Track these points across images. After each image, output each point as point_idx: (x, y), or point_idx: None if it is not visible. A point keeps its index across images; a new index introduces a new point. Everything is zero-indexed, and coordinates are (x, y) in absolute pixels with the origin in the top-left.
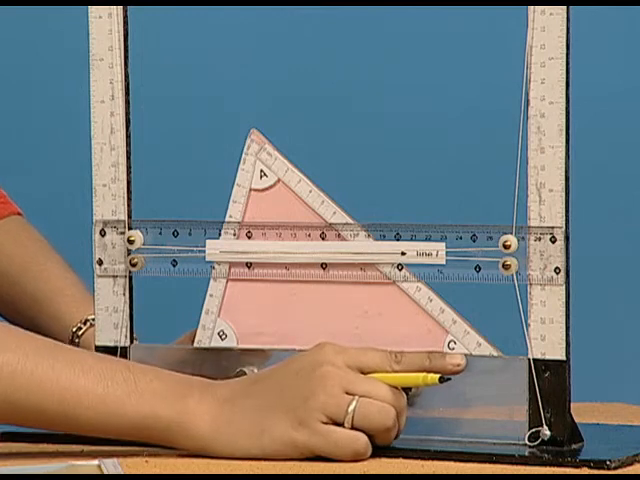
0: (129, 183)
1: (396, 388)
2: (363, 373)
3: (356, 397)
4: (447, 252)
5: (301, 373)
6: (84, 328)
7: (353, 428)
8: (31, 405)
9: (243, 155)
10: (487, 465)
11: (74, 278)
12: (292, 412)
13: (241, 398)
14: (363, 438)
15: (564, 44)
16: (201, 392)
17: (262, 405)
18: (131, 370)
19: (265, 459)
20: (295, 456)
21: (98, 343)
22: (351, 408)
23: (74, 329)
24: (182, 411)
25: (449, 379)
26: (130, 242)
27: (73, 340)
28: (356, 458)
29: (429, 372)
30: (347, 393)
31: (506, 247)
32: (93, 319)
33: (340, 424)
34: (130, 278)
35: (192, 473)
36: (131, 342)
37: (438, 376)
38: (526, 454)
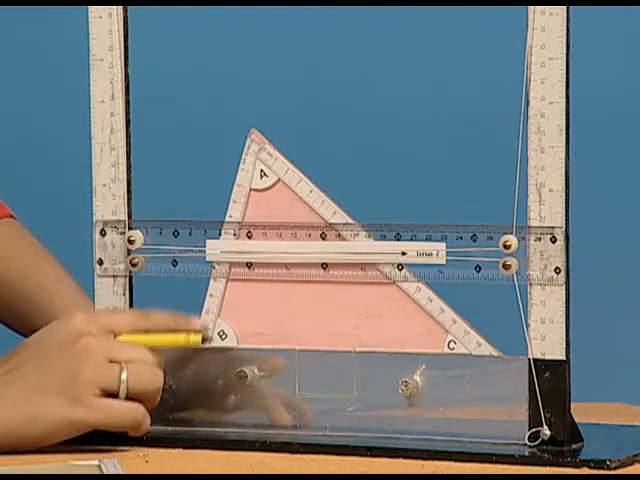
0: (129, 183)
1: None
2: (116, 334)
3: (124, 365)
4: (447, 252)
5: (62, 348)
6: None
7: (127, 396)
8: None
9: (243, 155)
10: (487, 465)
11: (71, 281)
12: (64, 391)
13: (6, 388)
14: (140, 407)
15: (564, 44)
16: None
17: (30, 390)
18: None
19: (43, 443)
20: (73, 434)
21: None
22: (123, 377)
23: None
24: None
25: (210, 339)
26: (130, 242)
27: None
28: (135, 427)
29: (174, 330)
30: (111, 361)
31: (506, 247)
32: None
33: (114, 394)
34: (130, 278)
35: (192, 473)
36: None
37: (200, 337)
38: (526, 454)
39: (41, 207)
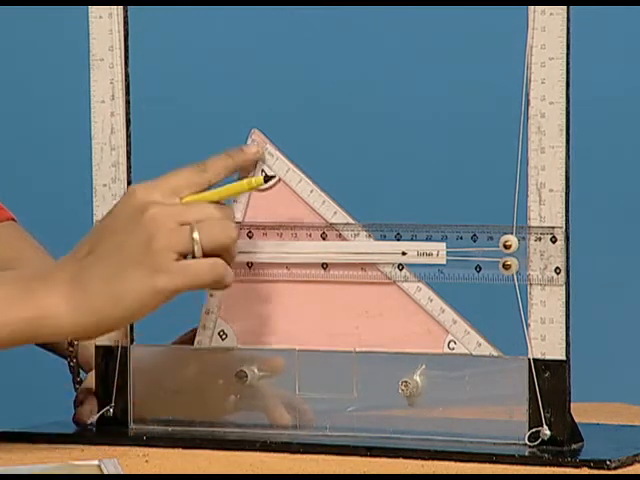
0: (129, 183)
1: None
2: (181, 196)
3: (194, 225)
4: (447, 252)
5: (131, 223)
6: None
7: (205, 255)
8: None
9: None
10: (487, 465)
11: None
12: (142, 263)
13: (87, 271)
14: (219, 261)
15: (564, 44)
16: (45, 280)
17: (110, 271)
18: None
19: (134, 319)
20: (163, 302)
21: (98, 343)
22: (195, 236)
23: None
24: (35, 307)
25: (273, 177)
26: None
27: (71, 342)
28: (218, 282)
29: (235, 170)
30: (181, 224)
31: (506, 247)
32: None
33: (191, 255)
34: None
35: (192, 473)
36: (131, 342)
37: (262, 177)
38: (526, 454)
39: (41, 207)
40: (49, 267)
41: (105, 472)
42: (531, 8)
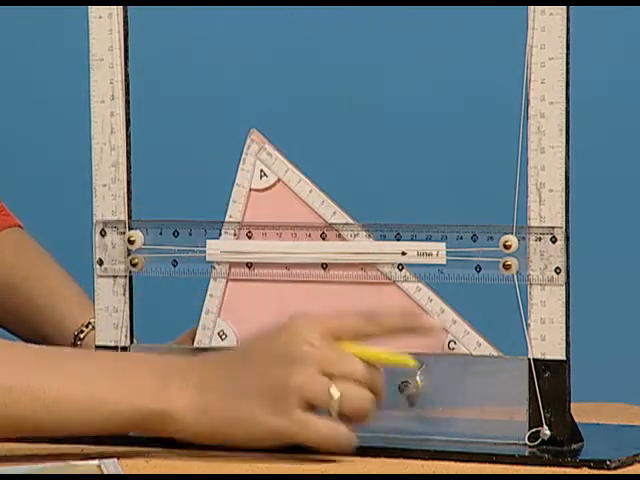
0: (129, 183)
1: (373, 365)
2: (340, 340)
3: (336, 380)
4: (447, 252)
5: (278, 355)
6: (86, 331)
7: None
8: (26, 417)
9: (243, 155)
10: (487, 465)
11: (75, 286)
12: (270, 398)
13: (221, 384)
14: (341, 428)
15: (564, 44)
16: (182, 378)
17: (241, 391)
18: (113, 366)
19: (245, 448)
20: (274, 444)
21: (98, 343)
22: (332, 392)
23: (76, 332)
24: (163, 401)
25: (423, 365)
26: (130, 242)
27: (75, 343)
28: (337, 449)
29: (406, 334)
30: (324, 374)
31: (506, 247)
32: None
33: (319, 407)
34: (130, 278)
35: (192, 473)
36: (131, 342)
37: (416, 361)
38: (526, 454)
39: (41, 207)
40: (189, 361)
41: (105, 472)
42: (531, 8)
